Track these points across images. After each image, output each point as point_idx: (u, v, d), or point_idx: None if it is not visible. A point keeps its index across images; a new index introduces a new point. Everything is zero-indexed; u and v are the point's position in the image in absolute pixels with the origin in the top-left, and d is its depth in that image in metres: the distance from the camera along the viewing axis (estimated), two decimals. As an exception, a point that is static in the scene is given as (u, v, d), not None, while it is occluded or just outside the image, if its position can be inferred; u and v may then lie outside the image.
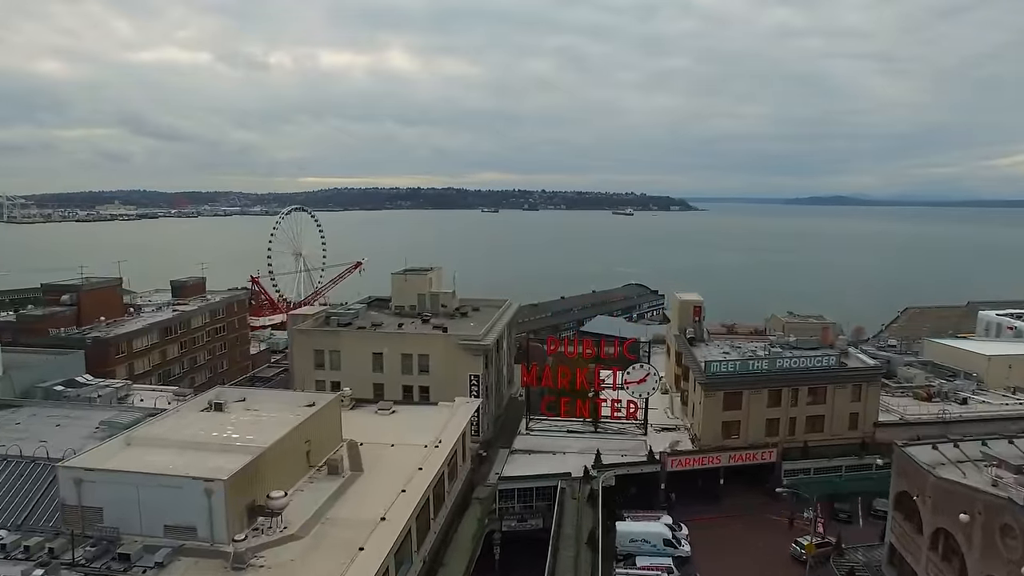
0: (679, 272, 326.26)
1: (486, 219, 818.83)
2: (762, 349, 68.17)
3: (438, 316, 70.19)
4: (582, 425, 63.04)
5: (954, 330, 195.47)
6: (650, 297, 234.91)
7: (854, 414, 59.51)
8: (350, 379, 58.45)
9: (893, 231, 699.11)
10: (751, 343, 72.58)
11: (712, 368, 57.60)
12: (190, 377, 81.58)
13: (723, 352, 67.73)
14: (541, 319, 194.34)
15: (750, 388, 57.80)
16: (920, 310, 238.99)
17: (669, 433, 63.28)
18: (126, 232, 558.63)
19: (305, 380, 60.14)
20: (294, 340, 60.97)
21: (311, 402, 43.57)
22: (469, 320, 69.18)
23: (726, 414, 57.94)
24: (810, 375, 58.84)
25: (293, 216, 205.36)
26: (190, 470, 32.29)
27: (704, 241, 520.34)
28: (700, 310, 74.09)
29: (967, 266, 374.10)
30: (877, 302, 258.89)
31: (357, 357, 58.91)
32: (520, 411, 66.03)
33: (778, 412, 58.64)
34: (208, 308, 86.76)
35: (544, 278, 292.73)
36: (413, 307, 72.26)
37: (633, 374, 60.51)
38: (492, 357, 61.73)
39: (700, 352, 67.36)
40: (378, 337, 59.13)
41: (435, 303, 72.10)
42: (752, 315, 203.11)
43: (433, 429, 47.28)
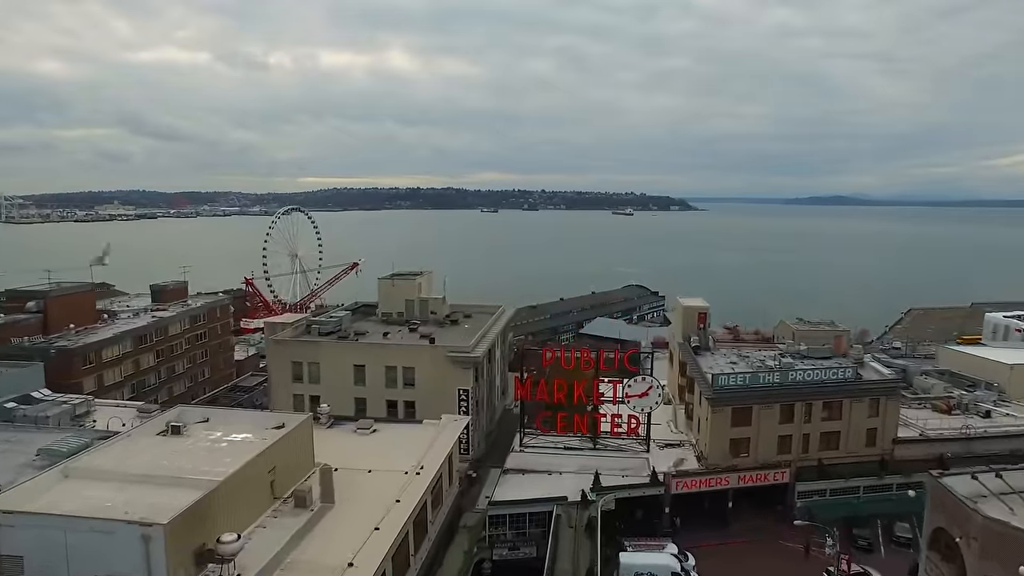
0: (679, 272, 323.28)
1: (485, 219, 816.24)
2: (772, 359, 64.11)
3: (427, 324, 66.15)
4: (580, 441, 58.93)
5: (959, 331, 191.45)
6: (650, 298, 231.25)
7: (872, 430, 55.39)
8: (330, 393, 54.42)
9: (893, 231, 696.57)
10: (759, 351, 68.46)
11: (720, 382, 53.49)
12: (168, 387, 77.59)
13: (730, 362, 63.61)
14: (540, 321, 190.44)
15: (760, 403, 53.67)
16: (924, 311, 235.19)
17: (673, 450, 59.16)
18: (124, 232, 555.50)
19: (282, 394, 56.09)
20: (270, 351, 56.87)
21: (280, 423, 39.52)
22: (460, 327, 65.15)
23: (735, 431, 53.83)
24: (825, 388, 54.72)
25: (289, 217, 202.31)
26: (129, 510, 28.17)
27: (704, 241, 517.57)
28: (705, 317, 69.93)
29: (968, 266, 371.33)
30: (879, 303, 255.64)
31: (337, 369, 54.82)
32: (514, 425, 61.84)
33: (790, 428, 54.52)
34: (188, 314, 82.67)
35: (543, 278, 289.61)
36: (401, 314, 68.22)
37: (634, 387, 56.40)
38: (483, 369, 57.64)
39: (706, 362, 63.26)
40: (359, 348, 55.01)
41: (424, 310, 68.05)
42: (753, 316, 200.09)
43: (416, 451, 43.19)
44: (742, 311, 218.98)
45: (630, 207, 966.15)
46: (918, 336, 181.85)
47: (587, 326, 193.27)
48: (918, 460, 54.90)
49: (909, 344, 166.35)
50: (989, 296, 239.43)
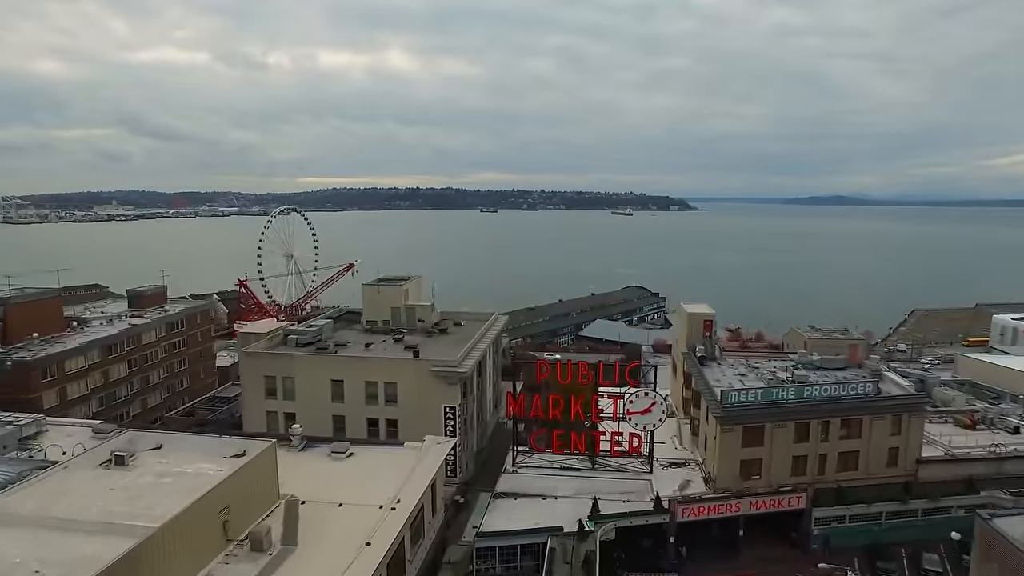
0: (679, 273, 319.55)
1: (485, 219, 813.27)
2: (783, 370, 59.90)
3: (414, 333, 61.86)
4: (577, 460, 54.60)
5: (965, 334, 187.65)
6: (651, 300, 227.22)
7: (893, 449, 51.07)
8: (306, 410, 50.17)
9: (893, 231, 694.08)
10: (769, 361, 64.20)
11: (729, 398, 49.13)
12: (142, 399, 73.18)
13: (738, 374, 59.30)
14: (538, 323, 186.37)
15: (773, 421, 49.34)
16: (928, 312, 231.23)
17: (678, 470, 54.81)
18: (122, 233, 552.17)
19: (254, 410, 51.73)
20: (241, 364, 52.49)
21: (241, 451, 35.24)
22: (449, 337, 60.86)
23: (746, 451, 49.49)
24: (843, 405, 50.38)
25: (285, 217, 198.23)
26: (41, 569, 23.87)
27: (704, 241, 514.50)
28: (711, 325, 65.64)
29: (970, 267, 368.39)
30: (880, 304, 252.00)
31: (313, 385, 50.50)
32: (508, 440, 57.42)
33: (806, 448, 50.17)
34: (164, 321, 78.23)
35: (542, 279, 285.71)
36: (387, 322, 63.95)
37: (636, 403, 52.04)
38: (472, 384, 53.32)
39: (712, 374, 58.95)
40: (337, 362, 50.65)
41: (411, 318, 63.73)
42: (754, 317, 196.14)
43: (395, 480, 38.82)
44: (743, 313, 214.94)
45: (629, 207, 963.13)
46: (923, 338, 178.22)
47: (586, 328, 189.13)
48: (944, 482, 50.71)
49: (915, 347, 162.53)
50: (993, 297, 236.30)
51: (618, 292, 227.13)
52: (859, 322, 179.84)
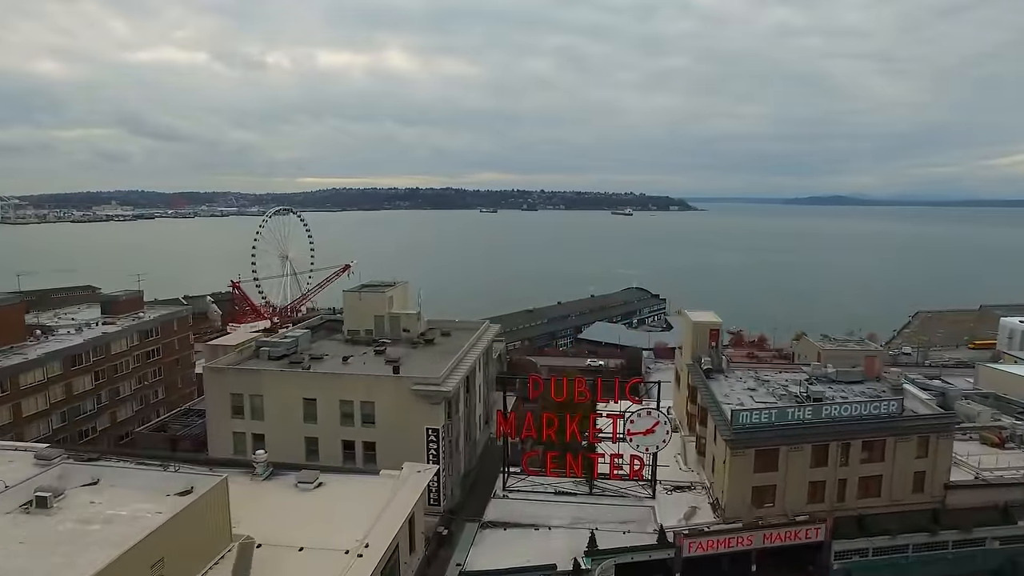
0: (679, 273, 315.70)
1: (484, 219, 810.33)
2: (796, 384, 55.51)
3: (399, 343, 57.43)
4: (573, 484, 50.21)
5: (970, 336, 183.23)
6: (651, 302, 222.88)
7: (920, 473, 46.66)
8: (276, 431, 45.76)
9: (893, 231, 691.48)
10: (780, 374, 59.84)
11: (741, 419, 44.69)
12: (110, 412, 68.64)
13: (747, 388, 54.92)
14: (537, 326, 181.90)
15: (789, 443, 44.90)
16: (931, 314, 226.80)
17: (683, 495, 50.38)
18: (120, 233, 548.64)
19: (220, 431, 47.28)
20: (206, 380, 47.97)
21: (188, 487, 30.86)
22: (436, 348, 56.44)
23: (758, 477, 45.07)
24: (865, 425, 45.93)
25: (280, 217, 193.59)
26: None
27: (704, 241, 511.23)
28: (718, 334, 61.30)
29: (971, 267, 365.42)
30: (883, 304, 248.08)
31: (284, 403, 46.02)
32: (499, 460, 53.03)
33: (824, 473, 45.76)
34: (137, 329, 73.70)
35: (541, 279, 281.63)
36: (369, 332, 59.49)
37: (638, 423, 47.61)
38: (458, 403, 48.85)
39: (720, 388, 54.57)
40: (309, 378, 46.13)
41: (395, 327, 59.30)
42: (756, 319, 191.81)
43: (367, 515, 34.35)
44: (745, 314, 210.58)
45: (629, 207, 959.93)
46: (928, 340, 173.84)
47: (586, 331, 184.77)
48: (976, 509, 46.29)
49: (920, 350, 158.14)
50: (996, 298, 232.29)
51: (618, 294, 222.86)
52: (861, 324, 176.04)
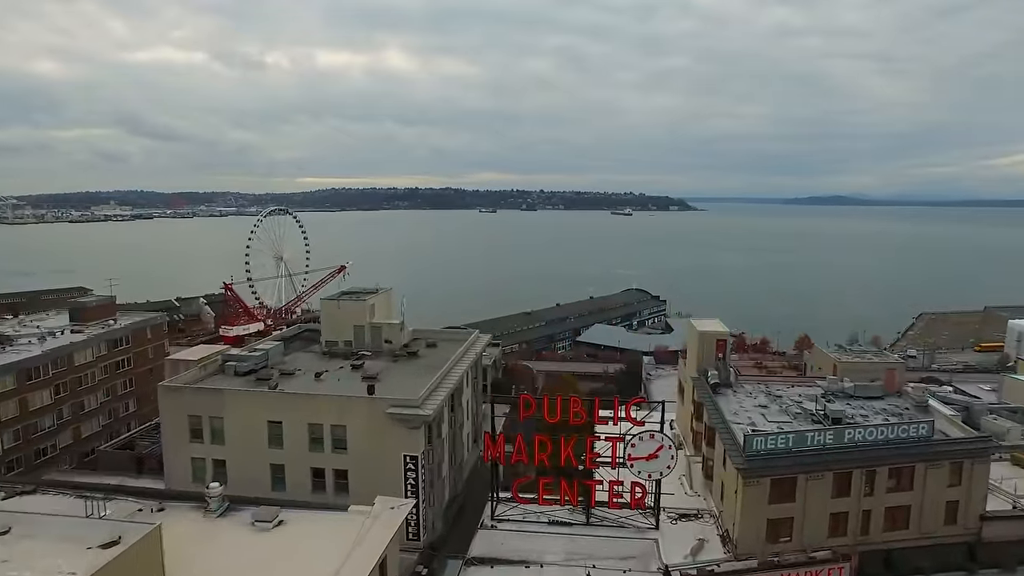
0: (680, 274, 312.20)
1: (484, 219, 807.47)
2: (810, 399, 51.07)
3: (380, 356, 52.90)
4: (569, 512, 45.59)
5: (976, 338, 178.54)
6: (651, 303, 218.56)
7: (952, 503, 42.09)
8: (238, 457, 41.24)
9: (894, 231, 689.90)
10: (792, 388, 55.34)
11: (754, 445, 40.10)
12: (73, 428, 64.15)
13: (759, 406, 50.37)
14: (534, 329, 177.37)
15: (808, 471, 40.32)
16: (935, 316, 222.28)
17: (689, 524, 45.74)
18: (117, 233, 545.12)
19: (178, 457, 42.71)
20: (161, 401, 43.35)
21: (116, 537, 26.35)
22: (420, 362, 51.88)
23: (774, 508, 40.47)
24: (892, 450, 41.35)
25: (277, 218, 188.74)
26: None
27: (704, 241, 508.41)
28: (726, 345, 56.70)
29: (972, 267, 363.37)
30: (885, 305, 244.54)
31: (247, 426, 41.45)
32: (488, 481, 48.40)
33: (847, 504, 41.17)
34: (105, 337, 69.21)
35: (540, 281, 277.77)
36: (349, 343, 54.93)
37: (640, 447, 43.01)
38: (441, 425, 44.27)
39: (728, 405, 50.04)
40: (274, 399, 41.48)
41: (376, 338, 54.77)
42: (758, 321, 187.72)
43: (331, 561, 29.85)
44: (746, 316, 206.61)
45: (629, 207, 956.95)
46: (933, 343, 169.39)
47: (585, 333, 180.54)
48: (1016, 542, 41.77)
49: (926, 353, 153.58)
50: (1000, 299, 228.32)
51: (617, 295, 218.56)
52: (864, 326, 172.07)
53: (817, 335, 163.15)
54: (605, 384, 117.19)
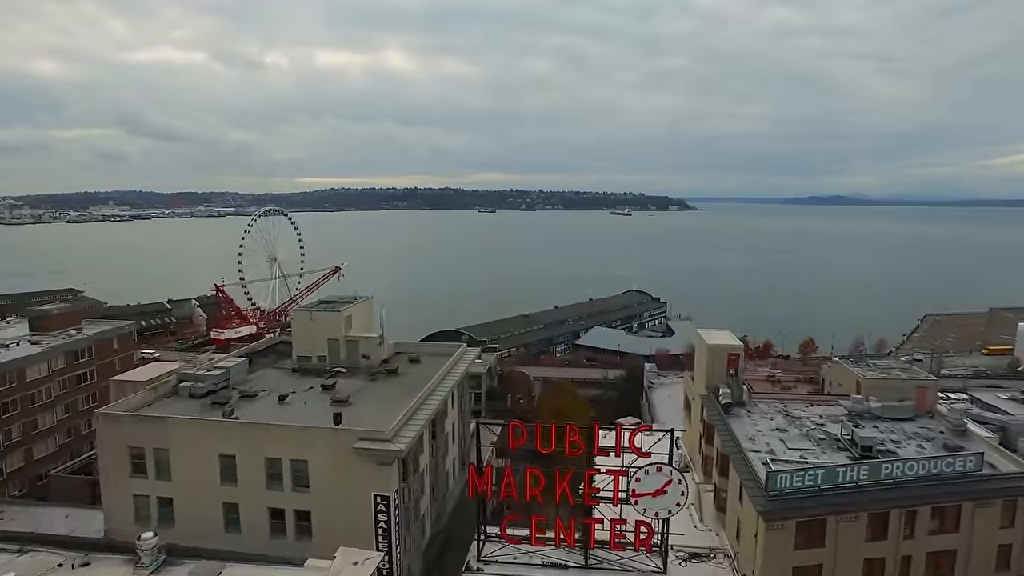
0: (680, 274, 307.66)
1: (483, 219, 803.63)
2: (833, 421, 45.94)
3: (356, 373, 47.62)
4: (565, 553, 40.33)
5: (982, 341, 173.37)
6: (651, 305, 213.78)
7: (1004, 547, 36.86)
8: (186, 495, 35.98)
9: (894, 231, 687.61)
10: (811, 407, 50.16)
11: (778, 483, 34.84)
12: (24, 449, 58.79)
13: (776, 429, 45.14)
14: (533, 332, 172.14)
15: (839, 513, 35.06)
16: (940, 317, 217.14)
17: (701, 566, 40.50)
18: (115, 234, 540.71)
19: (118, 493, 37.38)
20: (99, 431, 37.96)
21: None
22: (399, 381, 46.59)
23: (800, 555, 35.21)
24: (935, 487, 36.10)
25: (271, 218, 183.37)
26: None
27: (704, 242, 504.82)
28: (738, 360, 51.51)
29: (973, 267, 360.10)
30: (887, 306, 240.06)
31: (196, 460, 36.13)
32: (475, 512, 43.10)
33: (883, 548, 35.90)
34: (64, 349, 63.88)
35: (539, 282, 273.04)
36: (323, 359, 49.65)
37: (645, 481, 37.72)
38: (418, 457, 38.92)
39: (742, 428, 44.84)
40: (226, 429, 36.08)
41: (353, 353, 49.47)
42: (760, 322, 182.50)
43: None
44: (748, 317, 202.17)
45: (628, 207, 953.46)
46: (940, 345, 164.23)
47: (584, 336, 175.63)
48: (1074, 594, 36.53)
49: (934, 357, 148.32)
50: (1003, 300, 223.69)
51: (617, 297, 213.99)
52: (867, 328, 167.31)
53: (820, 336, 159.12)
54: (605, 391, 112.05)
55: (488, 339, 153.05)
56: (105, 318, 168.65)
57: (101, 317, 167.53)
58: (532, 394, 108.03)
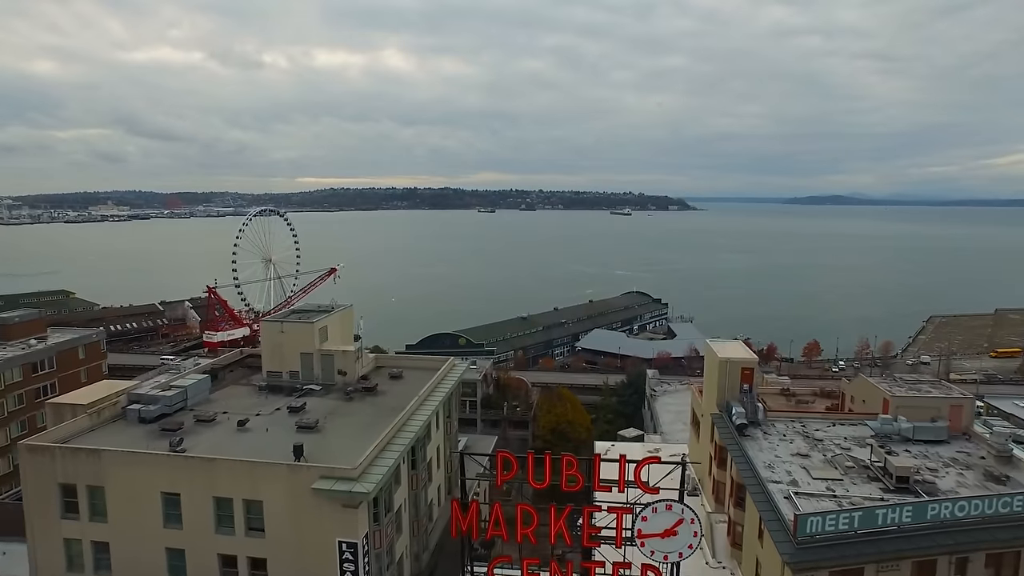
0: (680, 275, 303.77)
1: (482, 219, 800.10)
2: (860, 444, 41.31)
3: (331, 392, 42.85)
4: (562, 599, 35.54)
5: (989, 342, 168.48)
6: (652, 307, 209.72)
7: (1067, 598, 32.05)
8: (125, 539, 31.15)
9: (894, 231, 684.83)
10: (833, 427, 45.47)
11: (809, 527, 30.05)
12: (-25, 471, 54.11)
13: (797, 454, 40.38)
14: (531, 334, 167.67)
15: (879, 561, 30.29)
16: (945, 319, 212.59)
17: (715, 614, 35.82)
18: (112, 234, 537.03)
19: (46, 537, 32.55)
20: (22, 465, 33.05)
21: None
22: (376, 401, 41.81)
23: (833, 609, 30.43)
24: (990, 530, 31.32)
25: (264, 219, 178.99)
26: None
27: (705, 242, 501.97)
28: (752, 375, 46.77)
29: (976, 268, 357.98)
30: (889, 306, 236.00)
31: (136, 500, 31.31)
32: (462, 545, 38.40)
33: (929, 601, 31.14)
34: (21, 361, 59.18)
35: (538, 282, 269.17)
36: (295, 375, 44.86)
37: (653, 520, 32.86)
38: (392, 496, 34.06)
39: (759, 453, 40.14)
40: (168, 464, 31.25)
41: (328, 369, 44.66)
42: (762, 324, 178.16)
43: None
44: (750, 318, 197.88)
45: (628, 207, 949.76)
46: (947, 347, 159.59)
47: (584, 339, 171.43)
48: None
49: (942, 360, 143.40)
50: (1007, 300, 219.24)
51: (618, 298, 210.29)
52: (870, 329, 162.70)
53: (823, 338, 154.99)
54: (605, 398, 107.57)
55: (486, 342, 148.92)
56: (94, 321, 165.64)
57: (90, 320, 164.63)
58: (530, 401, 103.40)
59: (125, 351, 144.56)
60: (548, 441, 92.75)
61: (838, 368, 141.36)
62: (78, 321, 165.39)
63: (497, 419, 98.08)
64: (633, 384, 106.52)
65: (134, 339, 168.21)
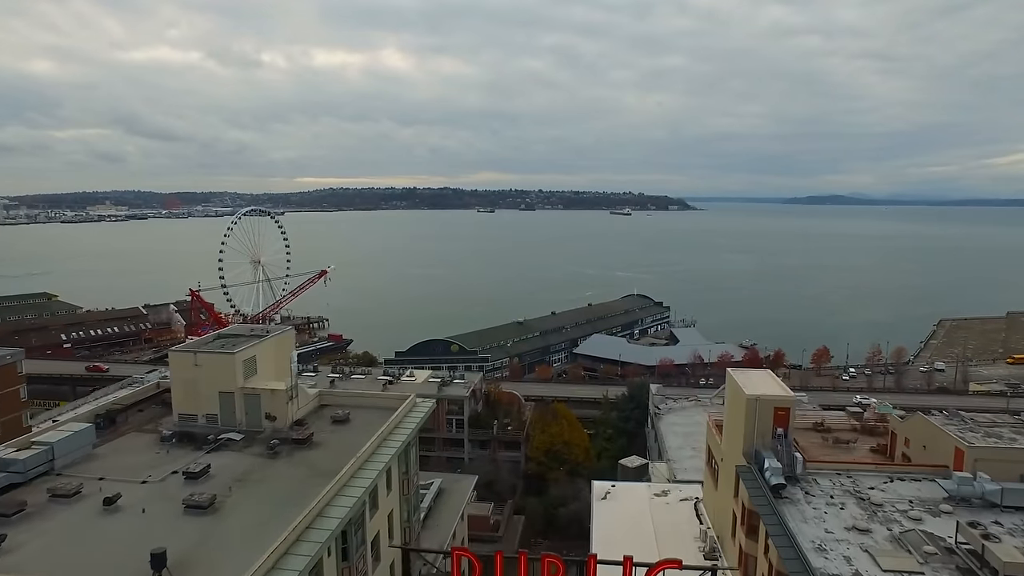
0: (680, 275, 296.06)
1: (482, 219, 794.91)
2: (932, 513, 31.96)
3: (253, 443, 33.34)
4: None
5: (1003, 347, 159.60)
6: (653, 310, 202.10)
7: None
8: None
9: (895, 231, 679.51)
10: (888, 481, 36.06)
11: None
12: None
13: (853, 528, 30.89)
14: (528, 340, 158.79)
15: None
16: (956, 322, 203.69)
17: None
18: (108, 234, 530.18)
19: None
20: None
21: None
22: (311, 457, 32.24)
23: None
24: None
25: (256, 219, 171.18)
26: None
27: (705, 243, 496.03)
28: (788, 416, 37.20)
29: (980, 268, 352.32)
30: (895, 308, 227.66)
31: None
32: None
33: None
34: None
35: (537, 284, 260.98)
36: (213, 418, 35.35)
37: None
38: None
39: (804, 526, 30.72)
40: None
41: (254, 412, 35.14)
42: (764, 325, 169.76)
43: None
44: (752, 320, 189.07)
45: (628, 207, 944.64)
46: (962, 352, 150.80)
47: (583, 344, 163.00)
48: None
49: (958, 367, 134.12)
50: (1017, 302, 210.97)
51: (617, 301, 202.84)
52: (879, 333, 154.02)
53: (831, 342, 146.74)
54: (605, 412, 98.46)
55: (479, 349, 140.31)
56: (74, 325, 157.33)
57: (69, 324, 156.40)
58: (523, 418, 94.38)
59: (105, 356, 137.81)
60: (542, 464, 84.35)
61: (848, 376, 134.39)
62: (56, 325, 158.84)
63: (486, 439, 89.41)
64: (635, 397, 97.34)
65: (116, 343, 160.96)
